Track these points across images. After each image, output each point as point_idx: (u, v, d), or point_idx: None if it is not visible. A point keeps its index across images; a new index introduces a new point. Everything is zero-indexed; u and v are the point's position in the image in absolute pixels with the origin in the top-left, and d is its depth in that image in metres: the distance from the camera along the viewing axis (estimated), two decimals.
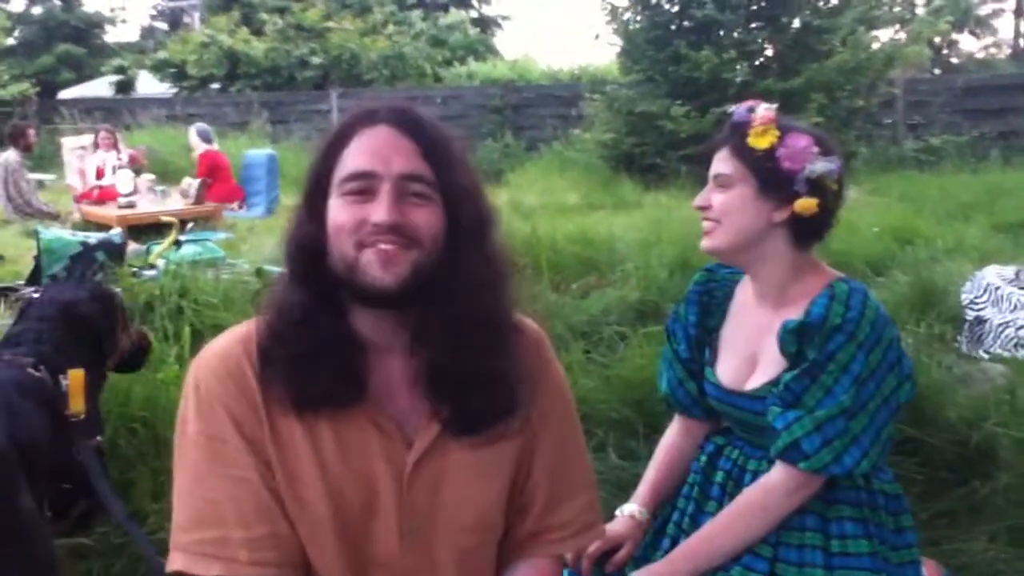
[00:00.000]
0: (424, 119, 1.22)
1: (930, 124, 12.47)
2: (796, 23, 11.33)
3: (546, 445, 1.33)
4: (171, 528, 1.20)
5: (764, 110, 1.59)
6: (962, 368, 3.47)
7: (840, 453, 1.49)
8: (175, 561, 1.17)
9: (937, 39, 22.43)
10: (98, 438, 2.15)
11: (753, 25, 11.38)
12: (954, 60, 24.03)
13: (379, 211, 1.15)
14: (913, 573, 1.60)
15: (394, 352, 1.24)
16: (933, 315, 3.83)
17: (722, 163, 1.62)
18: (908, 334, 3.45)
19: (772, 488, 1.56)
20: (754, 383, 1.63)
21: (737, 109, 1.64)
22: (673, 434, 1.85)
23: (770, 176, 1.56)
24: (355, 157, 1.19)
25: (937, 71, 21.66)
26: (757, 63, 11.27)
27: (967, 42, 26.14)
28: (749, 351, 1.66)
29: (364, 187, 1.17)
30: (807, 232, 1.60)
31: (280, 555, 1.18)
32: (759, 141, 1.57)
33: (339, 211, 1.18)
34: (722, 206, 1.61)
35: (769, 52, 11.45)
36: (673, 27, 11.36)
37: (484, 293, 1.23)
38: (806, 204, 1.55)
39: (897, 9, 17.05)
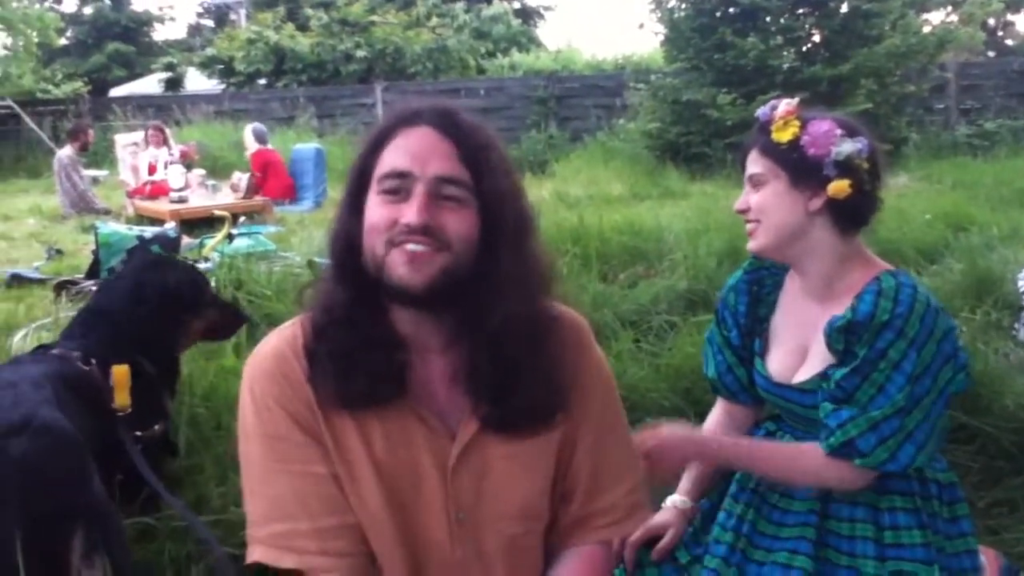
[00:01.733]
0: (466, 122, 1.23)
1: (984, 108, 12.22)
2: (844, 7, 11.13)
3: (587, 433, 1.34)
4: (246, 523, 1.25)
5: (785, 104, 1.60)
6: (1019, 355, 3.41)
7: (895, 451, 1.49)
8: (254, 553, 1.22)
9: (991, 21, 21.87)
10: (155, 427, 2.19)
11: (800, 11, 11.22)
12: (1009, 42, 23.38)
13: (410, 212, 1.16)
14: (969, 562, 1.59)
15: (433, 350, 1.26)
16: (989, 302, 3.75)
17: (753, 163, 1.63)
18: (963, 322, 3.40)
19: (825, 476, 1.55)
20: (802, 376, 1.63)
21: (761, 110, 1.65)
22: (715, 421, 1.85)
23: (799, 166, 1.56)
24: (393, 156, 1.20)
25: (991, 54, 21.11)
26: (804, 49, 11.12)
27: (1023, 23, 25.48)
28: (797, 343, 1.66)
29: (399, 186, 1.18)
30: (848, 216, 1.59)
31: (349, 544, 1.22)
32: (782, 134, 1.58)
33: (374, 209, 1.20)
34: (759, 205, 1.61)
35: (816, 38, 11.29)
36: (718, 14, 11.24)
37: (522, 294, 1.23)
38: (839, 186, 1.54)
39: None
